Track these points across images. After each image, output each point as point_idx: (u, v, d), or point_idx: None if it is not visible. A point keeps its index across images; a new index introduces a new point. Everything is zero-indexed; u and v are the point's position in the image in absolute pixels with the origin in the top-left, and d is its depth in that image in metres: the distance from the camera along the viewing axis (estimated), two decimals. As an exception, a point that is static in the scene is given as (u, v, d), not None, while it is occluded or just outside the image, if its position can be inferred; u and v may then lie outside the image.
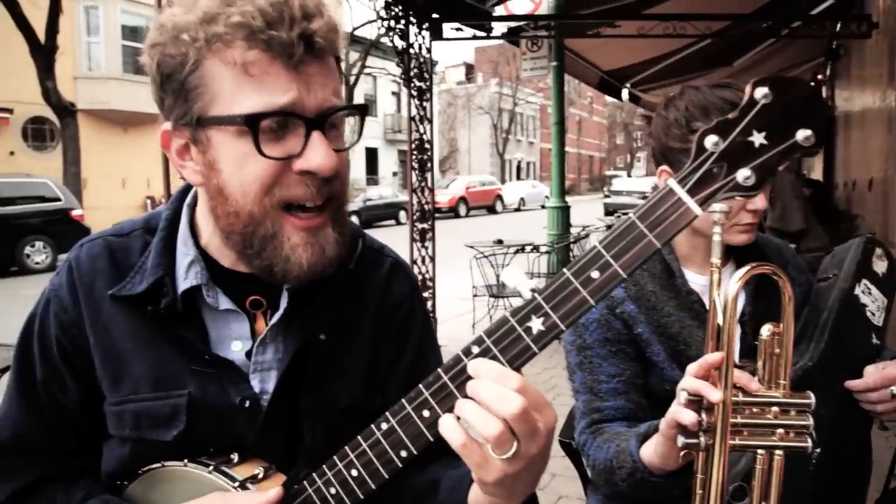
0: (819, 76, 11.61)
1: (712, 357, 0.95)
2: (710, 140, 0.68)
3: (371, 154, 35.50)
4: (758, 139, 0.68)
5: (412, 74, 5.86)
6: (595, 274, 0.70)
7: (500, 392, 0.71)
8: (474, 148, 46.73)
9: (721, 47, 8.54)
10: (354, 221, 1.11)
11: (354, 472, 0.83)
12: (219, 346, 0.99)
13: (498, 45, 41.17)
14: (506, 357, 0.73)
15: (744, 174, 0.68)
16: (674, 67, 9.69)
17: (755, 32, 7.24)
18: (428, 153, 6.09)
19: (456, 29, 6.56)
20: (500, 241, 7.51)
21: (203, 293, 0.97)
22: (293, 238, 0.88)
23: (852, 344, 1.35)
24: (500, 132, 45.76)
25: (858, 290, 1.38)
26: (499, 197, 31.17)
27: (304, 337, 0.98)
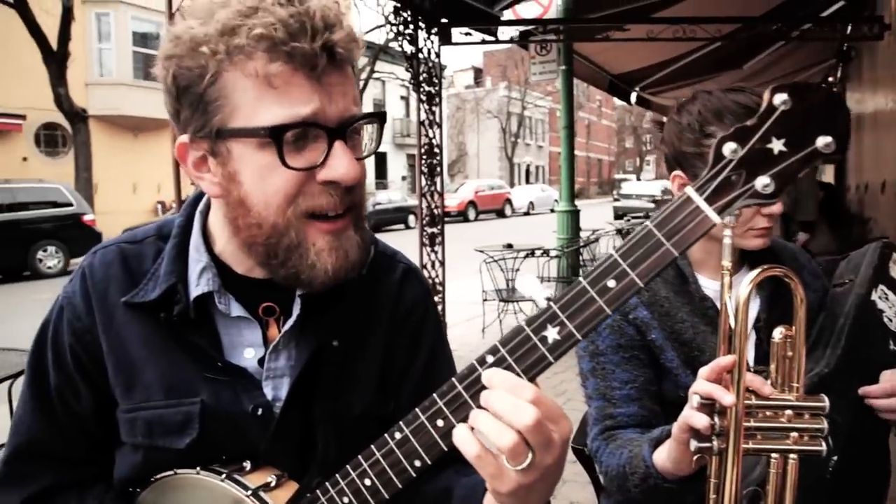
0: (830, 78, 11.56)
1: (724, 360, 0.94)
2: (729, 147, 0.67)
3: (380, 158, 35.56)
4: (777, 146, 0.67)
5: (421, 79, 5.86)
6: (611, 283, 0.69)
7: (515, 403, 0.70)
8: (483, 152, 46.73)
9: (731, 50, 8.50)
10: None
11: (367, 482, 0.83)
12: (231, 354, 0.99)
13: (506, 49, 41.26)
14: (521, 367, 0.73)
15: (763, 182, 0.67)
16: (683, 71, 9.66)
17: (765, 35, 7.21)
18: (437, 157, 6.09)
19: (465, 33, 6.57)
20: (510, 246, 7.49)
21: (215, 300, 0.97)
22: (318, 243, 0.88)
23: (869, 350, 1.33)
24: (509, 136, 45.75)
25: (875, 296, 1.36)
26: (508, 201, 31.15)
27: (317, 343, 0.98)
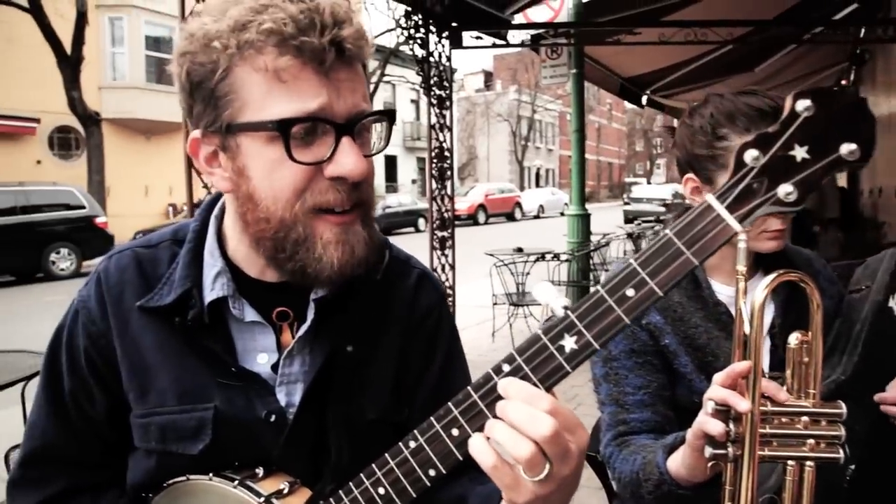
0: (843, 81, 11.48)
1: (739, 366, 0.93)
2: (750, 154, 0.66)
3: (390, 161, 35.63)
4: (800, 153, 0.66)
5: (432, 83, 5.87)
6: (630, 292, 0.68)
7: (531, 413, 0.69)
8: (493, 155, 46.73)
9: (742, 53, 8.46)
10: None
11: (381, 490, 0.82)
12: (245, 359, 0.98)
13: (516, 53, 41.28)
14: (537, 376, 0.72)
15: (785, 190, 0.65)
16: (695, 74, 9.61)
17: (778, 38, 7.16)
18: (448, 161, 6.09)
19: (476, 37, 6.57)
20: (520, 249, 7.47)
21: (229, 305, 0.97)
22: (326, 235, 0.88)
23: (886, 357, 1.31)
24: (519, 139, 45.70)
25: (893, 303, 1.35)
26: (518, 204, 31.11)
27: (331, 349, 0.97)
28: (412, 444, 0.79)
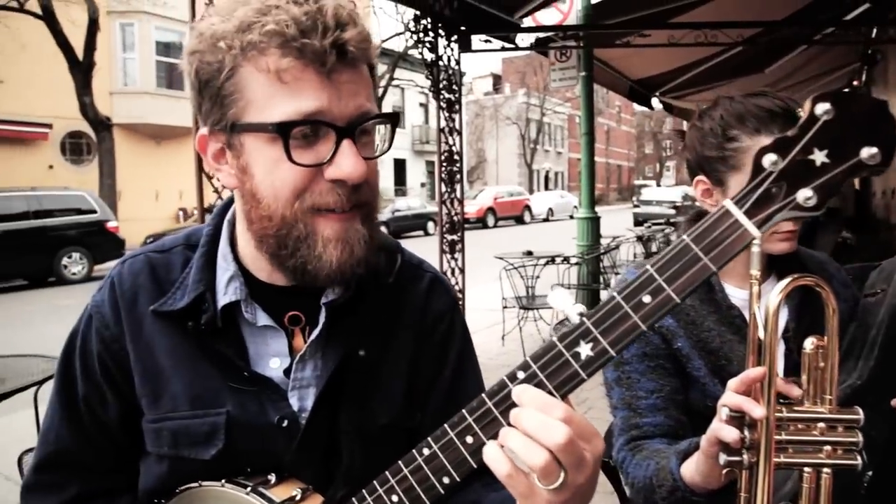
0: (855, 82, 11.39)
1: (754, 372, 0.92)
2: (769, 159, 0.65)
3: (399, 165, 35.67)
4: (819, 158, 0.65)
5: (441, 86, 5.87)
6: (647, 298, 0.67)
7: (545, 421, 0.69)
8: (502, 158, 46.70)
9: (752, 54, 8.41)
10: (383, 232, 1.11)
11: (395, 498, 0.81)
12: (257, 363, 0.98)
13: (525, 56, 41.23)
14: (553, 383, 0.71)
15: (805, 195, 0.64)
16: (705, 75, 9.57)
17: (788, 39, 7.12)
18: (457, 165, 6.09)
19: (484, 41, 6.57)
20: (530, 253, 7.45)
21: (242, 309, 0.97)
22: (326, 232, 0.88)
23: (904, 362, 1.29)
24: (528, 142, 45.67)
25: (909, 306, 1.33)
26: (527, 207, 31.09)
27: (344, 353, 0.97)
28: (426, 452, 0.78)
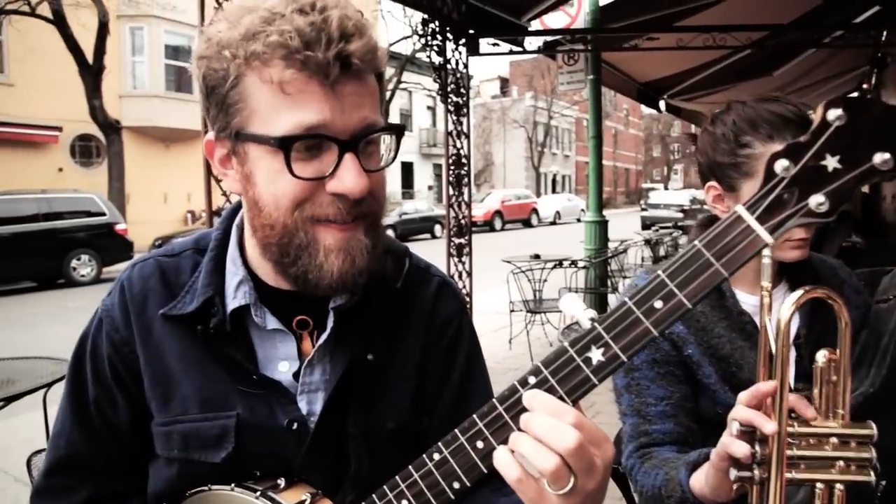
0: (865, 85, 11.34)
1: (765, 386, 0.91)
2: (781, 164, 0.65)
3: (406, 168, 35.73)
4: (831, 163, 0.64)
5: (449, 90, 5.87)
6: (658, 304, 0.67)
7: (555, 426, 0.69)
8: (509, 161, 46.70)
9: (761, 57, 8.38)
10: (391, 236, 1.10)
11: (405, 503, 0.81)
12: (266, 367, 0.98)
13: (532, 59, 41.26)
14: (564, 388, 0.71)
15: (817, 200, 0.64)
16: (713, 78, 9.55)
17: (797, 42, 7.10)
18: (465, 168, 6.09)
19: (492, 44, 6.58)
20: (538, 256, 7.44)
21: (251, 313, 0.97)
22: (328, 241, 0.88)
23: (917, 369, 1.28)
24: (536, 145, 45.66)
25: (922, 313, 1.32)
26: (534, 210, 31.07)
27: (352, 357, 0.97)
28: (436, 456, 0.78)
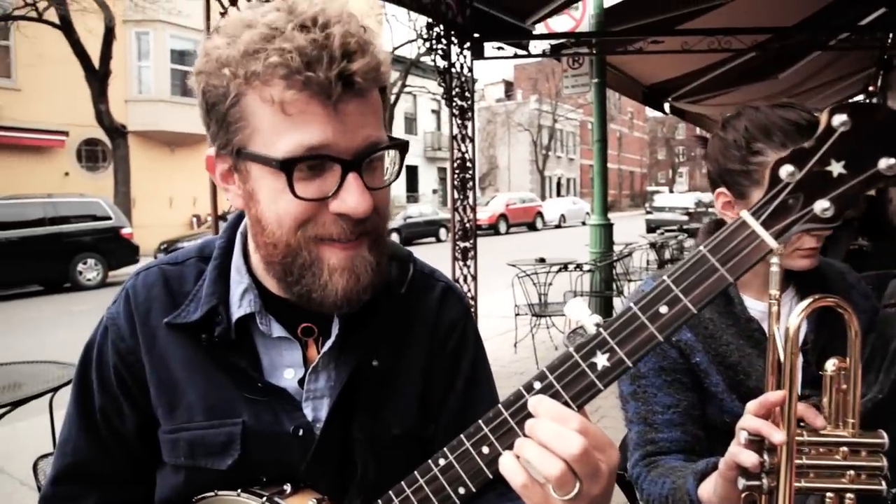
0: (871, 88, 11.31)
1: (773, 396, 0.90)
2: (786, 170, 0.65)
3: (411, 172, 35.76)
4: (836, 169, 0.64)
5: (454, 94, 5.87)
6: (664, 309, 0.67)
7: (560, 432, 0.69)
8: (514, 165, 46.70)
9: (766, 60, 8.37)
10: (395, 240, 1.10)
11: (410, 508, 0.81)
12: (271, 374, 0.99)
13: (537, 62, 41.30)
14: (569, 394, 0.71)
15: (822, 206, 0.64)
16: (717, 80, 9.52)
17: (803, 44, 7.08)
18: (469, 172, 6.09)
19: (497, 48, 6.58)
20: (543, 260, 7.43)
21: (257, 321, 0.97)
22: (332, 261, 0.87)
23: (925, 374, 1.28)
24: (540, 149, 45.63)
25: (930, 317, 1.31)
26: (539, 214, 31.03)
27: (357, 364, 0.97)
28: (442, 462, 0.78)
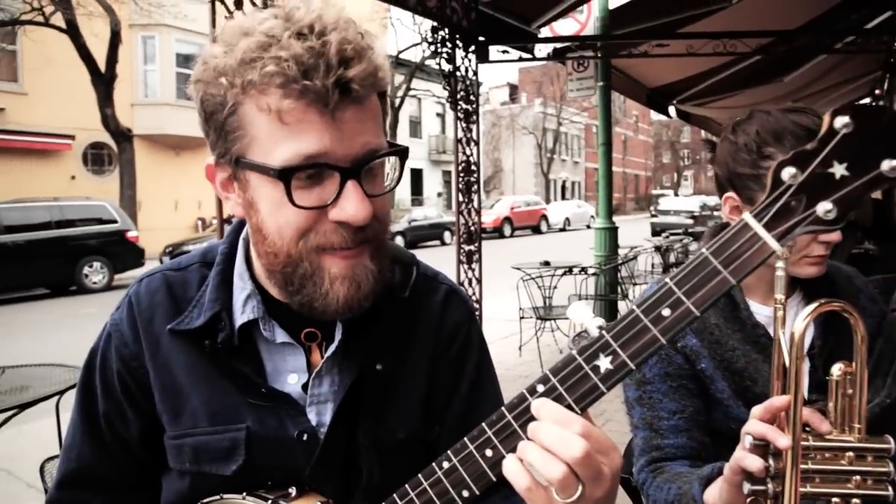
0: (877, 91, 11.28)
1: (778, 400, 0.90)
2: (788, 172, 0.65)
3: (416, 175, 35.81)
4: (839, 171, 0.64)
5: (458, 97, 5.88)
6: (666, 311, 0.67)
7: (562, 435, 0.69)
8: (519, 168, 46.69)
9: (772, 62, 8.35)
10: (399, 243, 1.10)
11: (414, 511, 0.81)
12: (275, 379, 0.99)
13: (541, 66, 41.28)
14: (572, 396, 0.71)
15: (824, 208, 0.64)
16: (722, 83, 9.50)
17: (809, 47, 7.07)
18: (474, 175, 6.09)
19: (502, 51, 6.58)
20: (547, 263, 7.44)
21: (260, 327, 0.97)
22: (333, 270, 0.87)
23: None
24: (545, 152, 45.61)
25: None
26: (544, 217, 31.02)
27: (360, 368, 0.97)
28: (445, 465, 0.78)
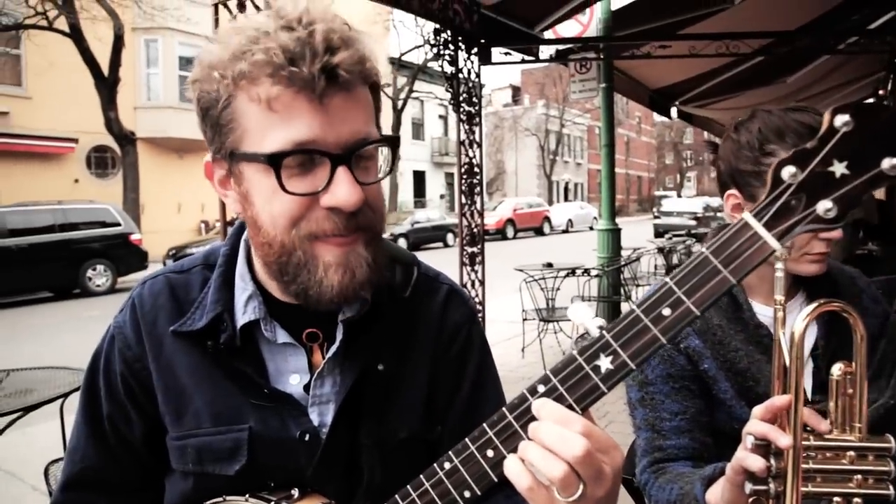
0: (881, 92, 11.25)
1: (779, 400, 0.90)
2: (788, 171, 0.65)
3: (419, 177, 35.81)
4: (839, 169, 0.64)
5: (461, 99, 5.88)
6: (666, 311, 0.67)
7: (563, 434, 0.69)
8: (521, 170, 46.68)
9: (774, 63, 8.34)
10: (403, 245, 1.10)
11: (416, 512, 0.81)
12: (277, 380, 0.99)
13: (544, 67, 41.30)
14: (573, 396, 0.71)
15: (825, 206, 0.64)
16: (725, 84, 9.49)
17: (812, 48, 7.06)
18: (477, 177, 6.09)
19: (504, 53, 6.59)
20: (550, 265, 7.43)
21: (261, 327, 0.98)
22: (327, 257, 0.88)
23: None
24: (548, 153, 45.62)
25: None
26: (546, 219, 31.01)
27: (362, 368, 0.97)
28: (447, 466, 0.78)
